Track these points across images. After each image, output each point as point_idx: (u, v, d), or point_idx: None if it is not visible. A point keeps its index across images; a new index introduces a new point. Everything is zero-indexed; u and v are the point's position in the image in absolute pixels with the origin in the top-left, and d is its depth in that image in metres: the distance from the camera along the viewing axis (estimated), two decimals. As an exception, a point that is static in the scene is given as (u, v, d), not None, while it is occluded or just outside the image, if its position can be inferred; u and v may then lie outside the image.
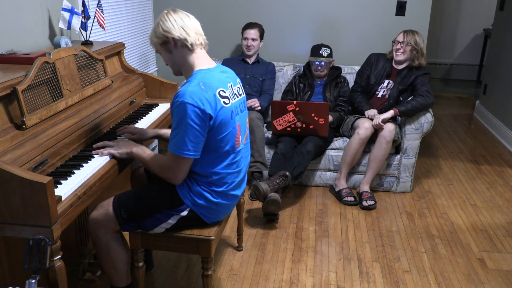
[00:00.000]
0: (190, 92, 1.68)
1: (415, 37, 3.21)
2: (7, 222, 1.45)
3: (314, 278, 2.39)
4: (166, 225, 1.87)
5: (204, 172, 1.82)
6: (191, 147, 1.71)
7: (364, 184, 3.21)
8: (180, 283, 2.34)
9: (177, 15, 1.81)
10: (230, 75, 1.91)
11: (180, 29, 1.78)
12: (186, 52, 1.82)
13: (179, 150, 1.71)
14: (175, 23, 1.79)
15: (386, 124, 3.09)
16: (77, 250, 2.23)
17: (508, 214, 3.07)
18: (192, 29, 1.81)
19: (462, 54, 6.97)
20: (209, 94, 1.71)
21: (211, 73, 1.80)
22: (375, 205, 3.11)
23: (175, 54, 1.83)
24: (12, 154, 1.55)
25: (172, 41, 1.80)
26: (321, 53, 3.38)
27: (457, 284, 2.36)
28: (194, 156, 1.73)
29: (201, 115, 1.68)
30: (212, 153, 1.80)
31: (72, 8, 2.39)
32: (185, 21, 1.81)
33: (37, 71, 1.78)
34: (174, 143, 1.72)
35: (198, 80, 1.73)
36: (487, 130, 4.78)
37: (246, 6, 3.90)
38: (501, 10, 4.85)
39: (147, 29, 3.90)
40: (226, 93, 1.79)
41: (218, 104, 1.73)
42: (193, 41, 1.80)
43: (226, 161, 1.84)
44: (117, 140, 1.96)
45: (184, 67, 1.86)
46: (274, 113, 3.19)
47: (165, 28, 1.78)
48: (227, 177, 1.86)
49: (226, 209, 1.97)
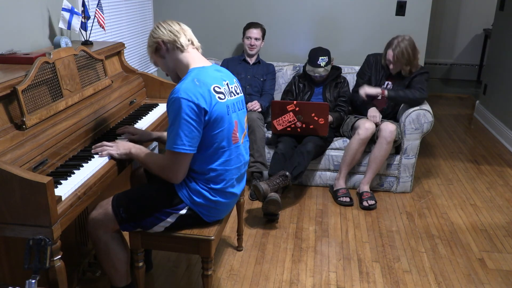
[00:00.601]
0: (185, 88, 1.70)
1: (403, 50, 3.11)
2: (7, 222, 1.45)
3: (314, 278, 2.39)
4: (165, 223, 1.87)
5: (201, 169, 1.83)
6: (186, 142, 1.71)
7: (364, 184, 3.21)
8: (180, 283, 2.34)
9: (166, 23, 1.89)
10: (226, 74, 1.93)
11: (169, 33, 1.86)
12: (178, 53, 1.87)
13: (174, 145, 1.72)
14: (164, 29, 1.87)
15: (387, 125, 3.09)
16: (77, 250, 2.23)
17: (508, 214, 3.07)
18: (181, 31, 1.87)
19: (462, 54, 6.97)
20: (203, 89, 1.73)
21: (205, 70, 1.83)
22: (375, 205, 3.11)
23: (168, 58, 1.89)
24: (12, 154, 1.55)
25: (163, 45, 1.86)
26: (318, 64, 3.29)
27: (457, 284, 2.36)
28: (190, 150, 1.73)
29: (196, 109, 1.69)
30: (209, 149, 1.80)
31: (72, 8, 2.39)
32: (174, 27, 1.88)
33: (37, 71, 1.78)
34: (170, 139, 1.74)
35: (193, 77, 1.75)
36: (487, 130, 4.78)
37: (247, 6, 3.90)
38: (501, 10, 4.86)
39: (147, 29, 3.90)
40: (221, 89, 1.81)
41: (213, 99, 1.75)
42: (183, 42, 1.85)
43: (223, 157, 1.84)
44: (116, 140, 1.96)
45: (179, 68, 1.89)
46: (274, 113, 3.19)
47: (155, 35, 1.87)
48: (224, 174, 1.87)
49: (225, 207, 1.97)
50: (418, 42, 3.82)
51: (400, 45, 3.14)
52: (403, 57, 3.13)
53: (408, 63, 3.17)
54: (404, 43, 3.14)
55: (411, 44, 3.16)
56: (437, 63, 7.01)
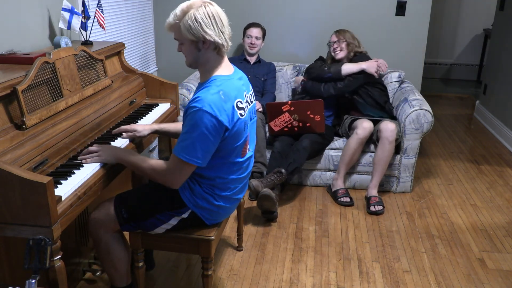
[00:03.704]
0: (210, 100, 1.62)
1: (347, 33, 3.33)
2: (7, 222, 1.45)
3: (314, 278, 2.39)
4: (167, 226, 1.87)
5: (208, 175, 1.81)
6: (201, 155, 1.67)
7: (371, 189, 3.16)
8: (180, 283, 2.34)
9: (216, 13, 1.70)
10: (245, 82, 1.88)
11: (220, 34, 1.69)
12: (214, 55, 1.74)
13: (187, 156, 1.66)
14: (216, 25, 1.68)
15: (387, 124, 3.09)
16: (77, 250, 2.23)
17: (508, 214, 3.07)
18: (227, 31, 1.73)
19: (462, 54, 6.97)
20: (228, 105, 1.67)
21: (230, 80, 1.75)
22: (383, 210, 3.05)
23: (202, 53, 1.73)
24: (12, 154, 1.55)
25: (208, 43, 1.70)
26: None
27: (457, 284, 2.36)
28: (201, 164, 1.70)
29: (217, 126, 1.64)
30: (219, 160, 1.77)
31: (72, 8, 2.39)
32: (224, 22, 1.71)
33: (37, 71, 1.78)
34: (182, 147, 1.67)
35: (219, 88, 1.67)
36: (487, 130, 4.78)
37: (247, 6, 3.90)
38: (501, 10, 4.86)
39: (147, 29, 3.90)
40: (243, 104, 1.76)
41: (235, 116, 1.70)
42: (225, 47, 1.73)
43: (232, 168, 1.83)
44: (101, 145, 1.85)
45: (205, 67, 1.78)
46: (270, 115, 3.19)
47: (204, 28, 1.66)
48: (231, 182, 1.86)
49: (227, 211, 1.96)
50: (418, 42, 3.84)
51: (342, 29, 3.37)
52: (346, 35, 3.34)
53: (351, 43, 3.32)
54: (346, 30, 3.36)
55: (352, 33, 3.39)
56: (437, 63, 7.01)
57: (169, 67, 4.12)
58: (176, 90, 2.72)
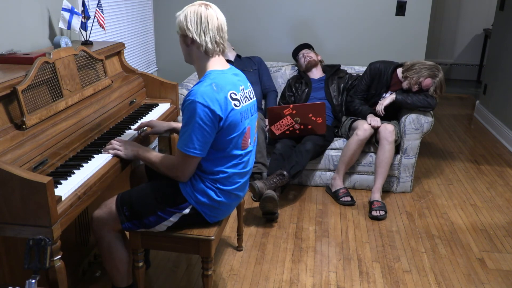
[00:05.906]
0: (202, 92, 1.70)
1: (442, 84, 3.19)
2: (7, 222, 1.45)
3: (314, 278, 2.39)
4: (168, 223, 1.87)
5: (210, 169, 1.84)
6: (198, 146, 1.73)
7: (375, 193, 3.12)
8: (180, 283, 2.34)
9: (206, 15, 1.76)
10: (242, 78, 1.91)
11: (200, 34, 1.77)
12: (201, 53, 1.82)
13: (186, 147, 1.73)
14: (199, 25, 1.76)
15: (385, 126, 3.08)
16: (77, 250, 2.23)
17: (508, 214, 3.07)
18: (212, 33, 1.77)
19: (462, 54, 6.97)
20: (220, 95, 1.72)
21: (224, 74, 1.81)
22: (385, 215, 3.00)
23: (191, 49, 1.83)
24: (12, 154, 1.55)
25: (190, 40, 1.80)
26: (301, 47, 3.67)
27: (457, 284, 2.36)
28: (200, 155, 1.75)
29: (211, 115, 1.70)
30: (219, 153, 1.81)
31: (72, 8, 2.39)
32: (210, 26, 1.77)
33: (37, 71, 1.78)
34: (182, 140, 1.75)
35: (211, 81, 1.74)
36: (487, 130, 4.78)
37: (247, 7, 3.90)
38: (501, 10, 4.85)
39: (147, 29, 3.90)
40: (237, 96, 1.80)
41: (229, 106, 1.74)
42: (210, 49, 1.79)
43: (233, 161, 1.85)
44: (124, 140, 1.97)
45: (198, 64, 1.86)
46: (271, 119, 3.19)
47: (188, 26, 1.77)
48: (233, 176, 1.87)
49: (228, 208, 1.97)
50: (418, 42, 3.84)
51: (440, 78, 3.16)
52: (442, 91, 3.17)
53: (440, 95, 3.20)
54: (441, 75, 3.18)
55: (443, 76, 3.20)
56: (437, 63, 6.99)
57: (169, 67, 4.12)
58: (176, 90, 2.72)
